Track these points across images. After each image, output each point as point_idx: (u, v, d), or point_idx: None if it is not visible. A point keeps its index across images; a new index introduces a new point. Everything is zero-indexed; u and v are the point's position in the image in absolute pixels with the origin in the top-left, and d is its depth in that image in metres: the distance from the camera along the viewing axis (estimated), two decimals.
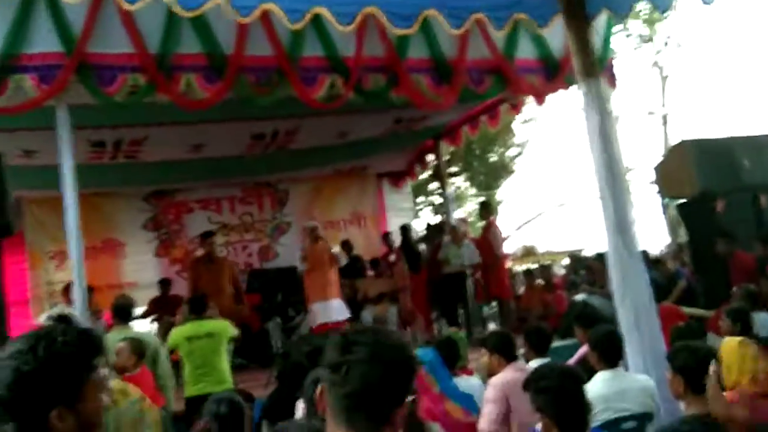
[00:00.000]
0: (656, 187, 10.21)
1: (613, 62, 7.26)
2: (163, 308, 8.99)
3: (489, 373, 4.25)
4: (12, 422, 1.55)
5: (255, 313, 8.91)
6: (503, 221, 12.58)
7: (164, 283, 9.69)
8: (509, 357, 4.26)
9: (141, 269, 10.27)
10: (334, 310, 8.08)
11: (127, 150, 8.18)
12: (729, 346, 3.87)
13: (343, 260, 8.87)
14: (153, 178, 9.65)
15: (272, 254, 10.90)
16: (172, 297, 9.25)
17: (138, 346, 5.35)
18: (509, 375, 4.07)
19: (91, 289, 6.88)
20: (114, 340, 5.50)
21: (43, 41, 5.07)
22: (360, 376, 1.45)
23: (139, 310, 9.39)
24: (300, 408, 3.85)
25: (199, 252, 9.21)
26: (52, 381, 1.56)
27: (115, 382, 4.24)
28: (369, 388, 1.45)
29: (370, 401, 1.46)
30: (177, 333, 6.27)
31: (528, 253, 17.24)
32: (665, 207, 16.29)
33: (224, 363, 6.27)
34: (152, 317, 9.25)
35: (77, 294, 5.10)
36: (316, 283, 8.17)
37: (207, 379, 6.05)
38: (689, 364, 2.94)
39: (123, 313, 6.29)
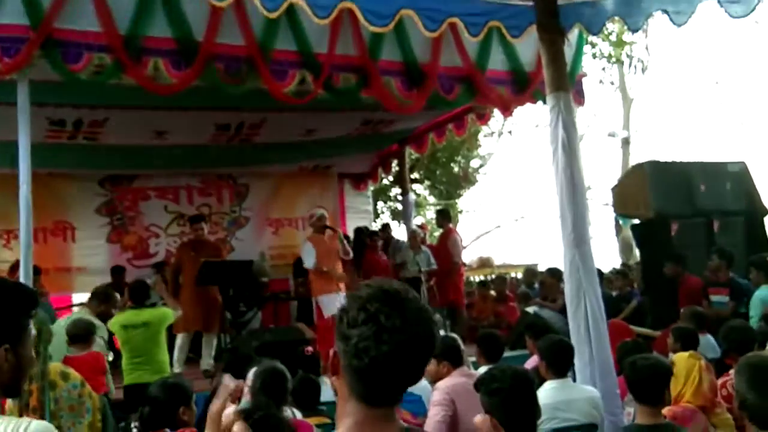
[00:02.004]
0: (612, 208, 10.38)
1: (582, 79, 7.38)
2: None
3: (435, 379, 4.26)
4: None
5: None
6: (461, 231, 12.64)
7: (116, 271, 9.49)
8: (456, 363, 4.27)
9: (91, 254, 10.03)
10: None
11: (86, 131, 7.99)
12: (680, 358, 3.96)
13: (351, 253, 8.31)
14: (111, 162, 9.45)
15: (228, 247, 10.78)
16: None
17: (84, 328, 5.27)
18: (456, 379, 4.08)
19: (38, 271, 6.73)
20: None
21: (9, 13, 4.97)
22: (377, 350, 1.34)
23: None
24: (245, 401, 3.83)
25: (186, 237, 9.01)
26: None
27: (54, 365, 4.16)
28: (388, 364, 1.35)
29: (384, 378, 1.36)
30: (114, 321, 6.18)
31: (484, 263, 17.38)
32: (618, 228, 16.60)
33: (162, 353, 6.23)
34: None
35: (23, 274, 4.97)
36: (323, 274, 7.72)
37: (144, 369, 5.98)
38: (638, 373, 3.00)
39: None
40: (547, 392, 3.79)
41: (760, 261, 6.75)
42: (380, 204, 18.57)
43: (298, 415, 3.92)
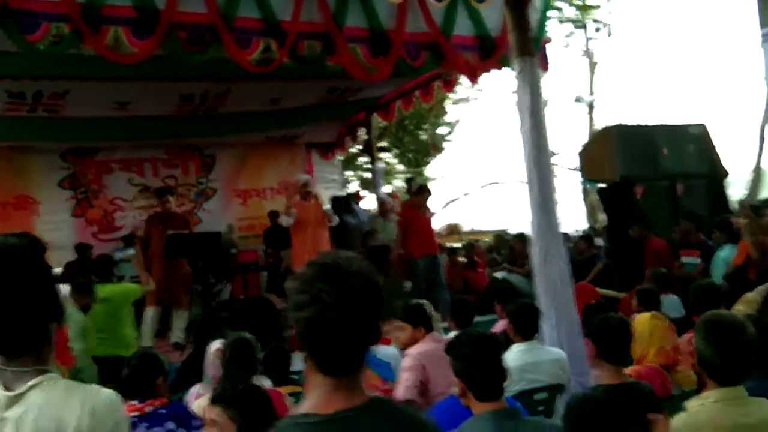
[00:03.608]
0: (579, 172, 10.48)
1: (547, 45, 7.38)
2: (79, 273, 8.67)
3: (404, 345, 4.30)
4: None
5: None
6: (431, 199, 12.67)
7: (81, 249, 9.34)
8: (429, 328, 4.31)
9: (55, 229, 9.84)
10: None
11: (47, 103, 7.83)
12: (642, 319, 4.05)
13: (336, 220, 8.24)
14: (73, 135, 9.28)
15: (195, 219, 10.67)
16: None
17: None
18: (426, 345, 4.13)
19: None
20: None
21: None
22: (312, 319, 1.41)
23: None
24: (210, 370, 3.85)
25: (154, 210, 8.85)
26: (43, 279, 1.70)
27: None
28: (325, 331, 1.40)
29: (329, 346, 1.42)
30: None
31: (453, 231, 17.47)
32: (586, 191, 16.79)
33: (126, 328, 6.24)
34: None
35: None
36: (307, 242, 7.57)
37: (108, 343, 6.00)
38: (602, 332, 3.06)
39: None
40: (514, 355, 3.85)
41: (722, 222, 6.89)
42: (349, 173, 18.54)
43: (269, 384, 3.94)
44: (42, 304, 1.63)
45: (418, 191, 9.23)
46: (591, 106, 21.09)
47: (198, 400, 3.53)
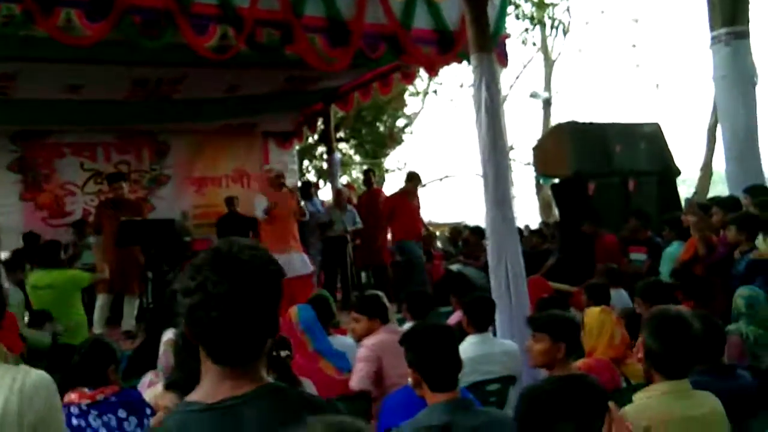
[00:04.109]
0: (533, 168, 10.61)
1: (506, 40, 7.45)
2: (26, 260, 8.45)
3: (360, 336, 4.31)
4: None
5: None
6: (387, 190, 12.72)
7: (30, 238, 9.05)
8: (384, 319, 4.33)
9: (3, 212, 9.62)
10: (297, 262, 7.38)
11: None
12: (591, 313, 4.14)
13: (307, 215, 8.04)
14: (23, 118, 9.03)
15: (148, 206, 10.51)
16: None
17: None
18: (382, 336, 4.14)
19: None
20: None
21: None
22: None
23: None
24: (162, 359, 3.80)
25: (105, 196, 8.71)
26: None
27: None
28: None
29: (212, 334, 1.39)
30: (27, 281, 6.16)
31: None
32: (539, 186, 17.02)
33: (74, 314, 6.17)
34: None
35: None
36: (276, 233, 7.36)
37: None
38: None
39: None
40: (468, 346, 3.90)
41: (672, 219, 7.05)
42: (306, 163, 18.44)
43: None
44: None
45: (409, 179, 9.52)
46: (547, 102, 21.37)
47: (151, 388, 3.49)
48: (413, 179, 9.52)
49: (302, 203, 8.07)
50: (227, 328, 1.36)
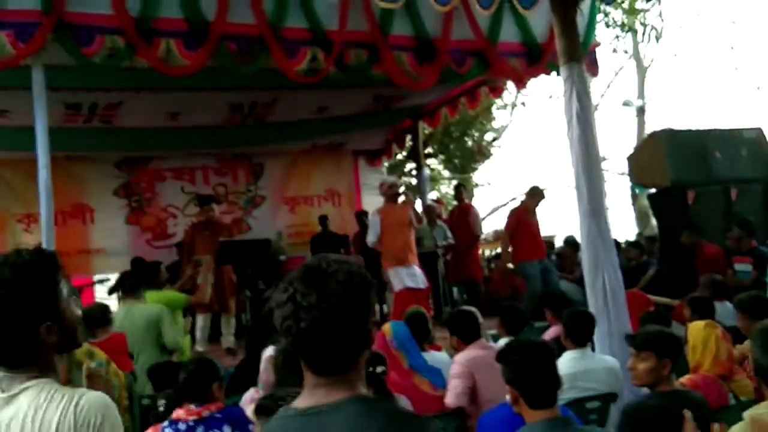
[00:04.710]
0: (628, 178, 10.31)
1: (596, 49, 7.31)
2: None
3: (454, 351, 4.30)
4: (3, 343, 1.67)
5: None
6: (477, 204, 12.65)
7: (136, 263, 9.36)
8: (467, 338, 4.28)
9: (110, 236, 10.14)
10: (419, 276, 7.34)
11: (102, 114, 8.05)
12: (695, 327, 3.98)
13: (425, 221, 7.96)
14: (127, 145, 9.50)
15: (245, 227, 10.83)
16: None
17: (99, 311, 5.35)
18: (474, 352, 4.12)
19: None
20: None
21: None
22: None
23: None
24: (263, 376, 3.90)
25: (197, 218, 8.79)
26: (27, 295, 1.68)
27: None
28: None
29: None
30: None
31: (499, 237, 17.31)
32: (635, 197, 16.49)
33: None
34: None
35: None
36: (395, 247, 7.32)
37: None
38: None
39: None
40: (566, 362, 3.82)
41: None
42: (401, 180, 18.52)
43: None
44: (36, 316, 1.69)
45: (531, 194, 8.85)
46: (641, 110, 20.75)
47: (252, 404, 3.58)
48: (535, 195, 8.81)
49: (417, 210, 7.96)
50: (316, 338, 1.44)
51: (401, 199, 7.75)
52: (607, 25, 14.41)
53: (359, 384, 1.52)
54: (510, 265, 10.46)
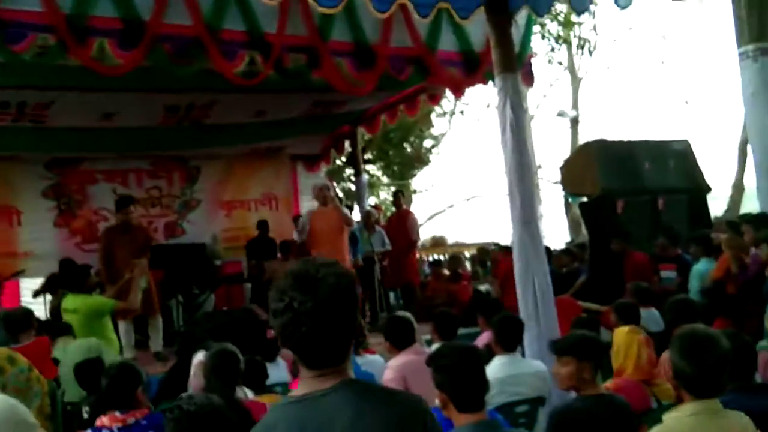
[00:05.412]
0: (561, 186, 10.55)
1: (531, 60, 7.46)
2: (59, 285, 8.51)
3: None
4: None
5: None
6: (415, 211, 12.75)
7: (65, 264, 9.06)
8: (400, 344, 4.32)
9: (38, 239, 9.82)
10: None
11: (32, 114, 7.80)
12: (619, 333, 4.10)
13: (354, 224, 8.00)
14: (57, 145, 9.22)
15: (179, 231, 10.67)
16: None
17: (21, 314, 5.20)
18: (407, 357, 4.16)
19: None
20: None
21: None
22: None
23: (35, 282, 9.05)
24: (193, 381, 3.85)
25: (113, 221, 8.56)
26: None
27: (1, 350, 4.10)
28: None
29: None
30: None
31: (437, 243, 17.50)
32: (567, 205, 16.89)
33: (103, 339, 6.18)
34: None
35: None
36: (322, 251, 7.22)
37: None
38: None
39: None
40: (495, 367, 3.88)
41: (699, 236, 6.98)
42: (334, 185, 18.53)
43: (250, 394, 3.95)
44: None
45: None
46: (574, 121, 21.28)
47: None
48: None
49: (347, 212, 8.00)
50: (317, 339, 1.58)
51: (330, 201, 7.77)
52: (543, 37, 14.75)
53: (349, 371, 1.66)
54: (446, 272, 10.61)
